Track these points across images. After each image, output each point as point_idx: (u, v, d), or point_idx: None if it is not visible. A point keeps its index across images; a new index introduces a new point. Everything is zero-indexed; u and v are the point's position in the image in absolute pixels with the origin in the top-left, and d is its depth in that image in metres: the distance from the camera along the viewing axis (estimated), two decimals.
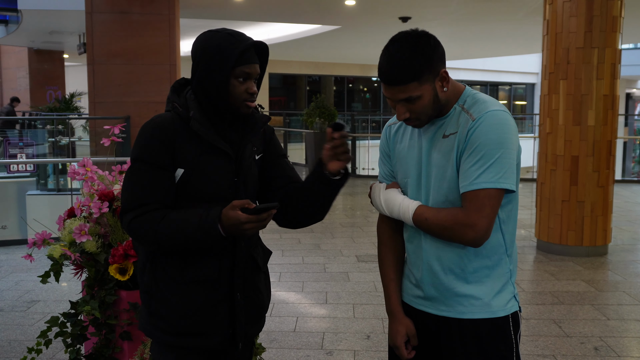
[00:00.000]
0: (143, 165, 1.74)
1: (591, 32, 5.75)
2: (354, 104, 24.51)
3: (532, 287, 5.10)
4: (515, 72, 25.75)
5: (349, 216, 8.41)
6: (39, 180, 8.72)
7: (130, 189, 1.76)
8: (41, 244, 2.81)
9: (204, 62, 1.75)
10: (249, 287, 1.87)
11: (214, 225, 1.66)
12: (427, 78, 1.65)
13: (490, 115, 1.63)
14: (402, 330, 1.80)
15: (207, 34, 1.77)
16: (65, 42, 15.35)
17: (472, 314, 1.71)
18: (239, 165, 1.82)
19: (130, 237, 1.75)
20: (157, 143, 1.74)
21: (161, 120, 1.77)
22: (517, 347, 1.75)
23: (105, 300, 2.72)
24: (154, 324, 1.81)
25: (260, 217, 1.64)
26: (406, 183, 1.79)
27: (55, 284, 4.87)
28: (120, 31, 7.98)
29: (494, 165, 1.61)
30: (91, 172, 2.92)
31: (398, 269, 1.87)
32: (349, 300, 4.71)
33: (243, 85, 1.75)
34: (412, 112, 1.68)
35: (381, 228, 1.90)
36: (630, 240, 6.86)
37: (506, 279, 1.75)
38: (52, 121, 9.74)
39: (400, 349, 1.79)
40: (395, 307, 1.83)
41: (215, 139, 1.77)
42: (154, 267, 1.80)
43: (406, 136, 1.81)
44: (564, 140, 5.93)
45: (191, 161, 1.75)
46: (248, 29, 15.48)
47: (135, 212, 1.72)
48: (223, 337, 1.82)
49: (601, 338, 3.94)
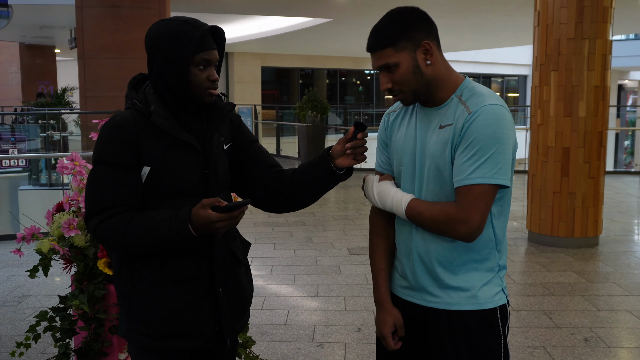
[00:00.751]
0: (106, 167, 1.69)
1: (582, 23, 5.75)
2: (346, 97, 24.49)
3: (523, 278, 5.12)
4: (507, 64, 25.78)
5: (341, 209, 8.42)
6: (31, 175, 8.69)
7: (93, 193, 1.69)
8: (30, 238, 2.79)
9: (162, 52, 1.69)
10: (231, 281, 1.83)
11: (184, 226, 1.61)
12: (404, 45, 1.66)
13: (486, 110, 1.62)
14: (390, 321, 1.79)
15: (160, 23, 1.72)
16: (56, 36, 15.28)
17: (459, 306, 1.71)
18: (208, 157, 1.76)
19: (97, 241, 1.70)
20: (119, 143, 1.68)
21: (121, 118, 1.72)
22: (505, 340, 1.75)
23: (94, 294, 2.71)
24: (136, 329, 1.76)
25: (232, 215, 1.60)
26: (400, 171, 1.79)
27: (46, 278, 4.86)
28: (111, 25, 7.94)
29: (489, 160, 1.60)
30: (80, 166, 2.91)
31: (388, 259, 1.86)
32: (341, 293, 4.72)
33: (204, 73, 1.70)
34: (394, 82, 1.69)
35: (374, 218, 1.90)
36: (621, 232, 6.90)
37: (494, 273, 1.75)
38: (44, 116, 9.70)
39: (387, 339, 1.79)
40: (383, 297, 1.82)
41: (180, 132, 1.71)
42: (131, 272, 1.74)
43: (403, 125, 1.81)
44: (555, 132, 5.94)
45: (157, 158, 1.69)
46: (240, 23, 15.44)
47: (100, 217, 1.67)
48: (209, 335, 1.78)
49: (591, 329, 3.97)
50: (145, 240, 1.65)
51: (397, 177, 1.81)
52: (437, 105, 1.72)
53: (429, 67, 1.69)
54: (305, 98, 13.20)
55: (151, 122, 1.71)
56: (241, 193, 1.94)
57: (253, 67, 20.60)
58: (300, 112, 13.17)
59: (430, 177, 1.70)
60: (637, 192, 9.80)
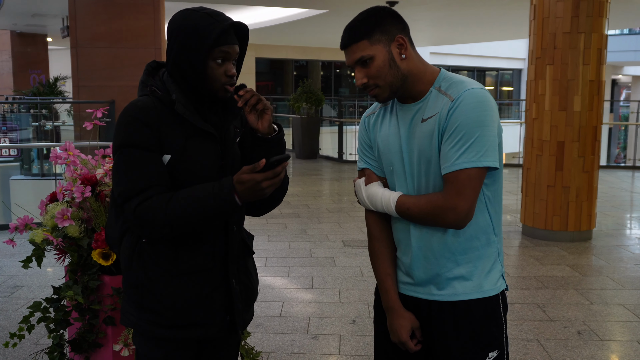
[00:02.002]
0: (133, 150, 1.64)
1: (578, 17, 5.75)
2: (341, 89, 24.45)
3: (517, 271, 5.13)
4: (502, 58, 25.79)
5: (335, 201, 8.41)
6: (23, 165, 8.63)
7: (127, 176, 1.64)
8: (23, 228, 2.77)
9: (181, 43, 1.67)
10: (242, 272, 1.84)
11: (230, 194, 1.58)
12: (378, 38, 1.66)
13: (468, 94, 1.62)
14: (407, 325, 1.76)
15: (184, 13, 1.69)
16: (48, 25, 15.13)
17: (464, 295, 1.71)
18: (224, 148, 1.76)
19: (136, 225, 1.65)
20: (142, 126, 1.65)
21: (142, 103, 1.69)
22: (506, 328, 1.76)
23: (89, 285, 2.69)
24: (147, 319, 1.74)
25: (276, 172, 1.57)
26: (392, 172, 1.77)
27: (39, 269, 4.83)
28: (104, 14, 7.87)
29: (474, 144, 1.60)
30: (73, 156, 2.88)
31: (393, 262, 1.83)
32: (335, 285, 4.72)
33: (221, 68, 1.68)
34: (369, 76, 1.68)
35: (370, 221, 1.86)
36: (614, 226, 6.93)
37: (494, 257, 1.75)
38: (36, 105, 9.62)
39: (407, 344, 1.76)
40: (395, 302, 1.79)
41: (201, 122, 1.70)
42: (144, 262, 1.72)
43: (385, 125, 1.79)
44: (550, 126, 5.95)
45: (178, 146, 1.67)
46: (235, 13, 15.35)
47: (139, 199, 1.62)
48: (220, 326, 1.78)
49: (584, 322, 3.98)
50: (188, 216, 1.60)
51: (389, 178, 1.80)
52: (416, 99, 1.72)
53: (404, 61, 1.69)
54: (300, 90, 13.17)
55: (171, 111, 1.68)
56: None
57: (247, 58, 20.49)
58: (295, 103, 13.14)
59: (422, 171, 1.70)
60: (630, 187, 9.84)
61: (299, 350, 3.56)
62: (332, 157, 13.39)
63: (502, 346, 1.74)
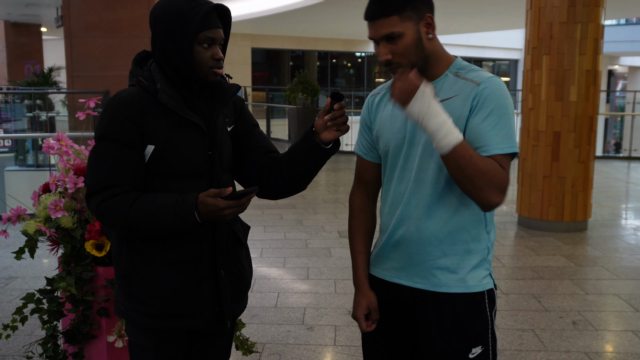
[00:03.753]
0: (110, 144, 1.65)
1: (574, 6, 5.72)
2: (337, 79, 24.39)
3: (512, 262, 5.13)
4: (498, 48, 25.75)
5: (331, 192, 8.40)
6: (18, 156, 8.59)
7: (96, 170, 1.66)
8: (16, 219, 2.75)
9: (165, 29, 1.66)
10: (232, 263, 1.83)
11: (190, 213, 1.60)
12: (409, 16, 1.62)
13: (493, 81, 1.63)
14: (364, 303, 1.79)
15: (165, 0, 1.68)
16: (42, 14, 15.04)
17: (447, 288, 1.69)
18: (213, 138, 1.75)
19: (98, 220, 1.67)
20: (124, 119, 1.64)
21: (127, 95, 1.68)
22: (492, 324, 1.73)
23: (82, 276, 2.68)
24: (135, 308, 1.74)
25: (240, 202, 1.59)
26: (387, 152, 1.75)
27: (34, 260, 4.81)
28: (99, 3, 7.80)
29: (509, 130, 1.60)
30: (66, 146, 2.85)
31: (367, 242, 1.86)
32: (331, 276, 4.71)
33: (208, 51, 1.67)
34: (394, 53, 1.63)
35: (354, 200, 1.88)
36: (610, 216, 6.94)
37: (482, 255, 1.72)
38: (30, 96, 9.57)
39: (359, 321, 1.79)
40: (361, 280, 1.82)
41: (186, 112, 1.68)
42: (131, 251, 1.73)
43: (389, 105, 1.76)
44: (546, 116, 5.94)
45: (162, 137, 1.66)
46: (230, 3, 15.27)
47: (103, 195, 1.64)
48: (209, 317, 1.77)
49: (579, 312, 3.99)
50: (148, 224, 1.63)
51: (383, 157, 1.78)
52: (431, 81, 1.68)
53: (430, 41, 1.66)
54: (296, 80, 13.12)
55: (156, 100, 1.68)
56: (238, 177, 1.91)
57: (243, 49, 20.43)
58: (291, 94, 13.10)
59: (426, 154, 1.66)
60: (626, 177, 9.85)
61: (294, 341, 3.55)
62: None
63: (486, 342, 1.72)
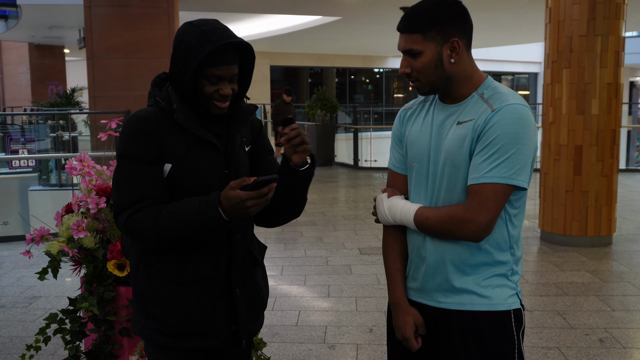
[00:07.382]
0: (131, 162, 1.68)
1: (594, 19, 5.68)
2: (356, 95, 24.43)
3: (536, 278, 5.06)
4: (518, 62, 25.61)
5: (351, 208, 8.38)
6: (41, 176, 8.71)
7: (121, 188, 1.69)
8: (39, 240, 2.77)
9: (174, 59, 1.70)
10: (248, 281, 1.83)
11: (215, 209, 1.60)
12: (432, 36, 1.63)
13: (510, 109, 1.60)
14: (410, 321, 1.75)
15: (184, 28, 1.70)
16: (65, 36, 15.32)
17: (471, 306, 1.67)
18: (229, 157, 1.76)
19: (127, 236, 1.70)
20: (142, 137, 1.68)
21: (144, 114, 1.72)
22: (519, 344, 1.70)
23: (104, 296, 2.69)
24: (151, 326, 1.76)
25: (261, 192, 1.57)
26: (413, 168, 1.76)
27: (57, 280, 4.86)
28: (119, 25, 7.94)
29: (509, 160, 1.57)
30: (88, 167, 2.88)
31: (404, 259, 1.82)
32: (352, 294, 4.68)
33: (214, 87, 1.68)
34: (413, 68, 1.67)
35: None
36: (635, 230, 6.82)
37: (507, 274, 1.71)
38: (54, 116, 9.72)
39: (410, 341, 1.74)
40: (400, 298, 1.78)
41: (201, 131, 1.71)
42: (148, 269, 1.75)
43: (419, 120, 1.78)
44: (568, 130, 5.88)
45: (178, 156, 1.70)
46: (248, 22, 15.43)
47: (130, 211, 1.66)
48: (224, 336, 1.77)
49: (606, 329, 3.91)
50: (176, 229, 1.64)
51: (409, 175, 1.79)
52: (457, 101, 1.69)
53: (452, 65, 1.66)
54: (315, 97, 13.16)
55: (173, 120, 1.71)
56: None
57: (262, 66, 20.57)
58: (310, 111, 13.14)
59: (445, 174, 1.67)
60: None
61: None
62: (348, 164, 13.36)
63: None
